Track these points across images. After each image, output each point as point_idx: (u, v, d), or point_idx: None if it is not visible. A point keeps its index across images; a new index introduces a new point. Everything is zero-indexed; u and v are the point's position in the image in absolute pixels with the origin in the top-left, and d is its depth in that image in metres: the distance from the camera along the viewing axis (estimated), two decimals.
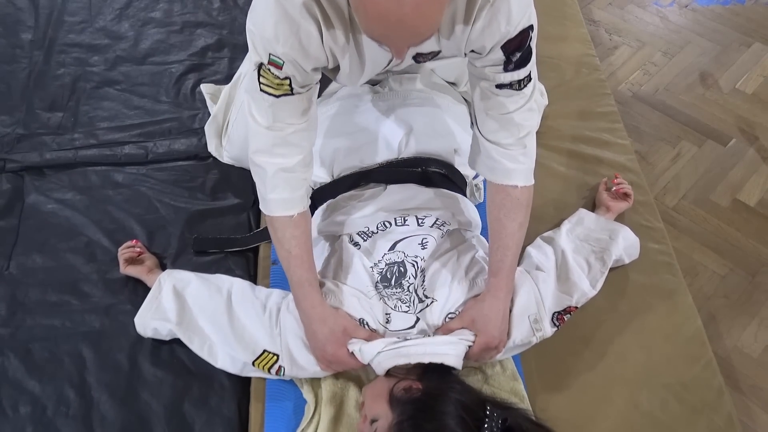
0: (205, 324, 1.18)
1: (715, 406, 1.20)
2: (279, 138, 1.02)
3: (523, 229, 1.12)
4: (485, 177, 1.15)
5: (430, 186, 1.30)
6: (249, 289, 1.22)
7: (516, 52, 0.96)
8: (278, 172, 1.05)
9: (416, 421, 0.94)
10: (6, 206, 1.48)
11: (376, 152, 1.33)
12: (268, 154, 1.04)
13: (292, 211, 1.07)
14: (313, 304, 1.09)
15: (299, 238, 1.09)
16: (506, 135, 1.06)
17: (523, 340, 1.15)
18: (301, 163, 1.06)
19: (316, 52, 0.94)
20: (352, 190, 1.30)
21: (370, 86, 1.46)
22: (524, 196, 1.11)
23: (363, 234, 1.21)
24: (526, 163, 1.09)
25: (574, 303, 1.19)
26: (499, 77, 1.00)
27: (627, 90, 2.20)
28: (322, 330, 1.08)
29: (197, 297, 1.21)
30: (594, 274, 1.25)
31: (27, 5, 1.95)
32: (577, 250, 1.28)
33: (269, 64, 0.94)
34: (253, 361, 1.13)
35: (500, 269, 1.11)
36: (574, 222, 1.37)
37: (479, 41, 0.95)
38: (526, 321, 1.15)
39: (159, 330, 1.21)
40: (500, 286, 1.11)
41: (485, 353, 1.11)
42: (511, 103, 1.03)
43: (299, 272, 1.09)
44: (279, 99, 0.98)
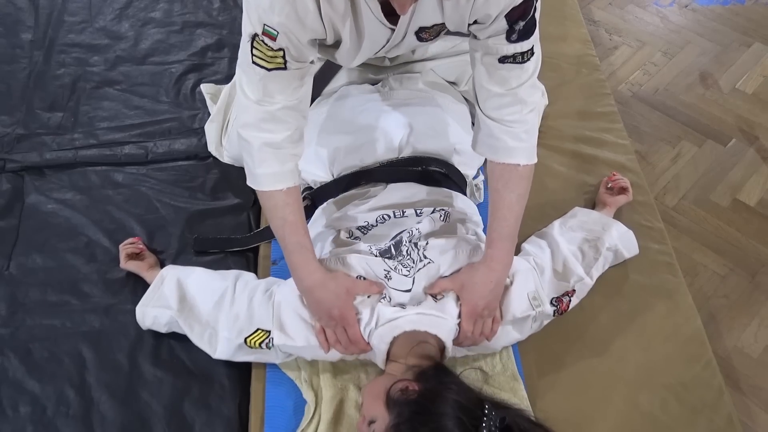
0: (205, 309, 1.17)
1: (715, 406, 1.20)
2: (267, 113, 1.00)
3: (522, 201, 1.11)
4: (487, 157, 1.13)
5: (431, 185, 1.30)
6: (254, 277, 1.23)
7: (519, 20, 0.95)
8: (263, 147, 1.03)
9: (413, 424, 0.93)
10: (6, 206, 1.48)
11: (377, 151, 1.33)
12: (256, 128, 1.02)
13: (282, 185, 1.06)
14: (311, 270, 1.08)
15: (293, 205, 1.07)
16: (509, 111, 1.05)
17: (522, 313, 1.14)
18: (288, 139, 1.04)
19: (312, 23, 0.92)
20: (352, 190, 1.30)
21: (370, 86, 1.46)
22: (525, 171, 1.10)
23: (362, 228, 1.21)
24: (528, 140, 1.08)
25: (571, 286, 1.20)
26: (503, 49, 0.99)
27: (627, 90, 2.20)
28: (325, 295, 1.07)
29: (199, 284, 1.21)
30: (588, 261, 1.26)
31: (27, 5, 1.95)
32: (570, 240, 1.28)
33: (263, 34, 0.92)
34: (245, 337, 1.12)
35: (495, 240, 1.10)
36: (567, 216, 1.38)
37: (484, 9, 0.94)
38: (525, 297, 1.15)
39: (158, 318, 1.21)
40: (494, 256, 1.10)
41: (476, 326, 1.10)
42: (513, 78, 1.02)
43: (295, 238, 1.08)
44: (270, 72, 0.96)
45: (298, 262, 1.08)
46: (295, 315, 1.12)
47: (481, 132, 1.11)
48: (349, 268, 1.12)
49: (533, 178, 1.12)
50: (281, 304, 1.13)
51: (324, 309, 1.07)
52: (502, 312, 1.14)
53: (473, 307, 1.09)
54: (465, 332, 1.10)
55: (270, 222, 1.11)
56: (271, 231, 1.37)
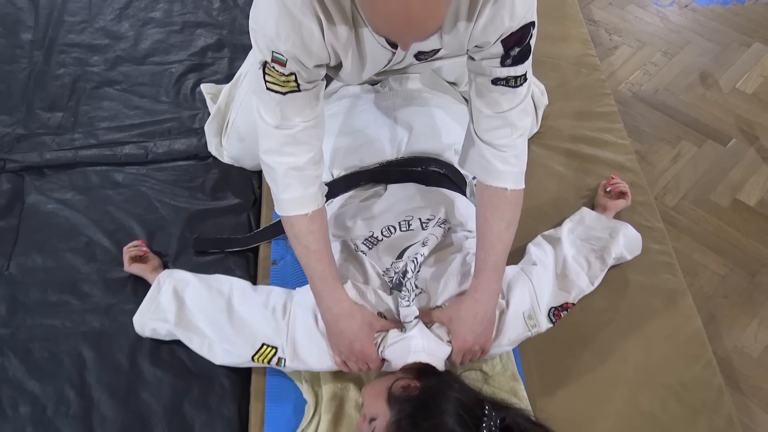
0: (204, 323, 1.17)
1: (715, 406, 1.20)
2: (288, 136, 1.01)
3: (511, 230, 1.11)
4: (476, 176, 1.14)
5: (430, 185, 1.30)
6: (249, 288, 1.22)
7: (515, 47, 0.96)
8: (289, 171, 1.03)
9: (414, 420, 0.94)
10: (6, 206, 1.48)
11: (376, 152, 1.33)
12: (278, 153, 1.03)
13: (306, 209, 1.06)
14: (340, 300, 1.08)
15: (316, 233, 1.07)
16: (500, 135, 1.06)
17: (517, 338, 1.15)
18: (311, 161, 1.05)
19: (318, 50, 0.93)
20: (352, 190, 1.30)
21: (370, 86, 1.46)
22: (513, 198, 1.10)
23: (368, 242, 1.21)
24: (517, 166, 1.09)
25: (571, 300, 1.20)
26: (496, 71, 1.00)
27: (627, 90, 2.20)
28: (351, 326, 1.07)
29: (196, 297, 1.21)
30: (593, 272, 1.25)
31: (27, 5, 1.95)
32: (577, 249, 1.28)
33: (273, 61, 0.93)
34: (252, 356, 1.13)
35: (482, 269, 1.10)
36: (576, 221, 1.37)
37: (482, 37, 0.95)
38: (521, 319, 1.15)
39: (157, 330, 1.21)
40: (480, 287, 1.10)
41: (466, 356, 1.11)
42: (505, 101, 1.03)
43: (320, 267, 1.07)
44: (286, 96, 0.97)
45: (323, 290, 1.08)
46: (310, 340, 1.12)
47: (473, 151, 1.11)
48: (366, 302, 1.12)
49: (533, 177, 1.13)
50: (296, 328, 1.12)
51: (346, 341, 1.07)
52: (499, 336, 1.14)
53: (462, 342, 1.09)
54: (454, 363, 1.12)
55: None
56: (272, 231, 1.38)
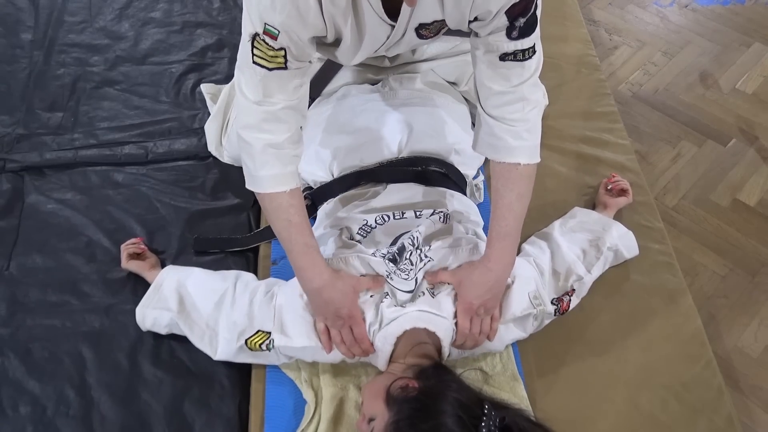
0: (206, 312, 1.17)
1: (715, 406, 1.20)
2: (268, 113, 1.00)
3: (523, 201, 1.10)
4: (488, 156, 1.12)
5: (430, 185, 1.30)
6: (253, 278, 1.23)
7: (520, 17, 0.95)
8: (266, 148, 1.02)
9: (412, 421, 0.93)
10: (6, 206, 1.48)
11: (376, 151, 1.33)
12: (257, 129, 1.01)
13: (285, 186, 1.05)
14: (320, 271, 1.07)
15: (296, 206, 1.06)
16: (511, 110, 1.05)
17: (523, 312, 1.14)
18: (289, 140, 1.03)
19: (314, 20, 0.92)
20: (352, 190, 1.30)
21: (370, 85, 1.46)
22: (526, 171, 1.08)
23: (362, 230, 1.21)
24: (530, 139, 1.07)
25: (569, 286, 1.20)
26: (503, 46, 0.98)
27: (627, 90, 2.20)
28: (334, 294, 1.06)
29: (199, 285, 1.21)
30: (589, 259, 1.26)
31: (27, 5, 1.95)
32: (571, 240, 1.29)
33: (264, 33, 0.91)
34: (246, 339, 1.12)
35: (494, 239, 1.10)
36: (567, 217, 1.38)
37: (484, 5, 0.93)
38: (526, 296, 1.15)
39: (159, 320, 1.21)
40: (492, 256, 1.10)
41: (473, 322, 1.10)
42: (515, 76, 1.02)
43: (301, 239, 1.07)
44: (271, 72, 0.96)
45: (305, 263, 1.08)
46: (296, 316, 1.11)
47: (482, 131, 1.10)
48: (351, 269, 1.12)
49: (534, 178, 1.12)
50: (283, 306, 1.13)
51: (332, 309, 1.07)
52: (503, 310, 1.14)
53: (468, 304, 1.09)
54: (463, 329, 1.10)
55: (273, 224, 1.10)
56: (272, 231, 1.37)
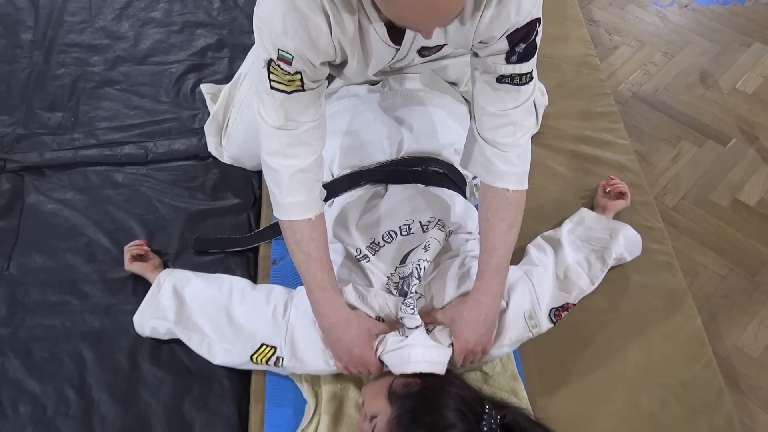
0: (204, 322, 1.17)
1: (715, 406, 1.20)
2: (292, 137, 1.00)
3: (513, 231, 1.10)
4: (478, 176, 1.13)
5: (430, 185, 1.30)
6: (249, 286, 1.22)
7: (521, 43, 0.95)
8: (295, 174, 1.02)
9: (415, 414, 0.94)
10: (6, 206, 1.48)
11: (376, 151, 1.33)
12: (282, 156, 1.02)
13: (309, 214, 1.05)
14: (337, 308, 1.07)
15: (318, 240, 1.07)
16: (502, 133, 1.05)
17: (518, 338, 1.15)
18: (315, 162, 1.04)
19: (325, 46, 0.92)
20: (352, 190, 1.30)
21: (370, 85, 1.46)
22: (515, 199, 1.09)
23: (370, 248, 1.21)
24: (519, 166, 1.08)
25: (572, 300, 1.20)
26: (501, 68, 0.99)
27: (627, 90, 2.20)
28: (348, 334, 1.06)
29: (196, 295, 1.21)
30: (594, 272, 1.25)
31: (27, 5, 1.95)
32: (577, 249, 1.28)
33: (279, 59, 0.92)
34: (251, 355, 1.13)
35: (485, 271, 1.10)
36: (576, 221, 1.37)
37: (488, 32, 0.94)
38: (521, 319, 1.15)
39: (157, 329, 1.21)
40: (483, 289, 1.09)
41: (467, 357, 1.11)
42: (509, 100, 1.02)
43: (320, 275, 1.07)
44: (291, 95, 0.96)
45: (322, 298, 1.08)
46: (309, 344, 1.11)
47: (475, 151, 1.10)
48: (368, 306, 1.12)
49: (533, 177, 1.12)
50: (294, 329, 1.12)
51: (345, 348, 1.07)
52: (500, 336, 1.14)
53: (464, 342, 1.09)
54: (456, 364, 1.11)
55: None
56: (272, 231, 1.38)
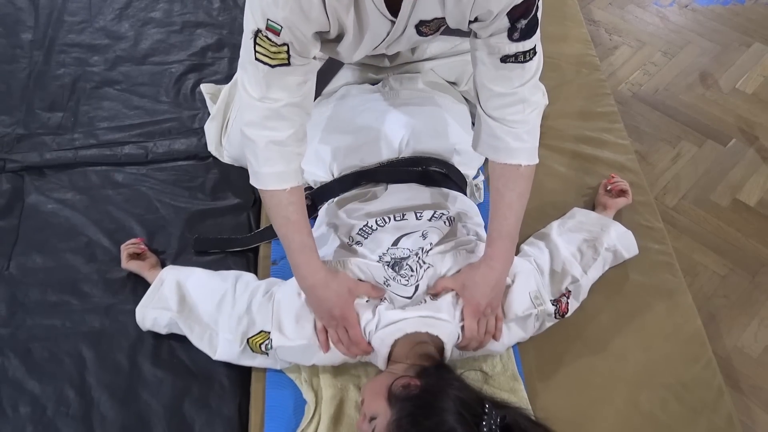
0: (206, 311, 1.17)
1: (715, 406, 1.20)
2: (270, 110, 1.00)
3: (523, 200, 1.11)
4: (488, 156, 1.13)
5: (431, 185, 1.30)
6: (253, 278, 1.23)
7: (521, 18, 0.95)
8: (269, 145, 1.02)
9: (415, 418, 0.94)
10: (6, 206, 1.47)
11: (377, 151, 1.33)
12: (260, 127, 1.02)
13: (286, 184, 1.05)
14: (315, 270, 1.07)
15: (296, 204, 1.07)
16: (512, 111, 1.05)
17: (524, 311, 1.14)
18: (293, 137, 1.04)
19: (317, 15, 0.91)
20: (352, 190, 1.30)
21: (370, 85, 1.46)
22: (526, 172, 1.09)
23: (362, 231, 1.21)
24: (529, 141, 1.08)
25: (564, 288, 1.21)
26: (505, 48, 0.99)
27: (627, 90, 2.20)
28: (327, 294, 1.07)
29: (199, 286, 1.21)
30: (586, 260, 1.26)
31: (27, 5, 1.95)
32: (568, 241, 1.29)
33: (267, 29, 0.91)
34: (248, 339, 1.12)
35: (495, 238, 1.10)
36: (566, 217, 1.38)
37: (485, 5, 0.93)
38: (527, 296, 1.15)
39: (158, 320, 1.21)
40: (495, 255, 1.10)
41: (480, 323, 1.10)
42: (516, 78, 1.02)
43: (299, 237, 1.07)
44: (274, 69, 0.95)
45: (300, 260, 1.08)
46: (293, 315, 1.12)
47: (483, 131, 1.10)
48: (349, 272, 1.12)
49: (534, 181, 1.12)
50: (281, 304, 1.13)
51: (325, 308, 1.07)
52: (505, 311, 1.14)
53: (476, 305, 1.09)
54: (470, 331, 1.10)
55: (272, 221, 1.10)
56: (272, 231, 1.38)
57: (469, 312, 1.09)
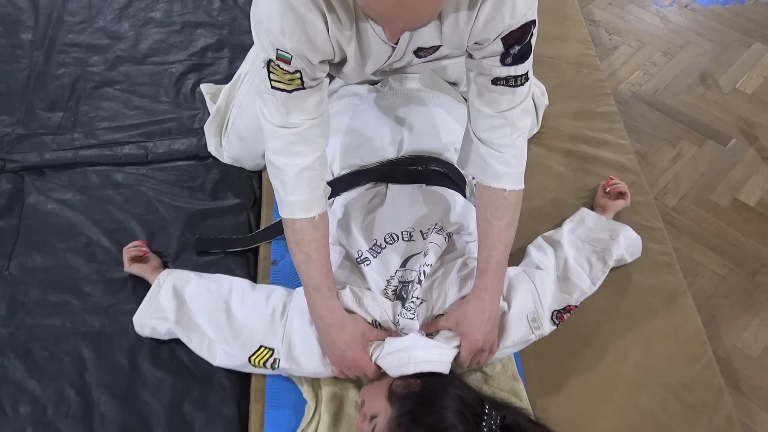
0: (203, 322, 1.17)
1: (715, 406, 1.20)
2: (294, 135, 1.00)
3: (512, 230, 1.11)
4: (475, 176, 1.13)
5: (431, 185, 1.30)
6: (249, 287, 1.22)
7: (516, 45, 0.96)
8: (301, 173, 1.03)
9: (415, 415, 0.94)
10: (6, 206, 1.47)
11: (376, 151, 1.33)
12: (286, 154, 1.02)
13: (312, 212, 1.05)
14: (333, 310, 1.08)
15: (319, 241, 1.07)
16: (498, 134, 1.06)
17: (521, 339, 1.15)
18: (319, 160, 1.05)
19: (323, 45, 0.93)
20: (352, 189, 1.30)
21: (370, 85, 1.46)
22: (513, 198, 1.09)
23: (371, 250, 1.21)
24: (516, 166, 1.09)
25: (573, 302, 1.20)
26: (496, 71, 0.99)
27: (627, 90, 2.20)
28: (342, 336, 1.06)
29: (196, 295, 1.21)
30: (595, 273, 1.25)
31: (27, 5, 1.95)
32: (578, 250, 1.28)
33: (278, 59, 0.92)
34: (249, 357, 1.13)
35: (485, 270, 1.10)
36: (576, 222, 1.37)
37: (483, 33, 0.94)
38: (524, 320, 1.15)
39: (157, 329, 1.21)
40: (485, 287, 1.10)
41: (474, 357, 1.11)
42: (505, 102, 1.02)
43: (318, 277, 1.07)
44: (292, 94, 0.96)
45: (317, 299, 1.08)
46: (304, 343, 1.12)
47: (472, 152, 1.11)
48: (364, 310, 1.12)
49: (533, 177, 1.13)
50: (292, 330, 1.12)
51: (338, 351, 1.07)
52: (502, 338, 1.14)
53: (473, 342, 1.08)
54: (461, 365, 1.11)
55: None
56: (272, 231, 1.38)
57: (466, 347, 1.09)
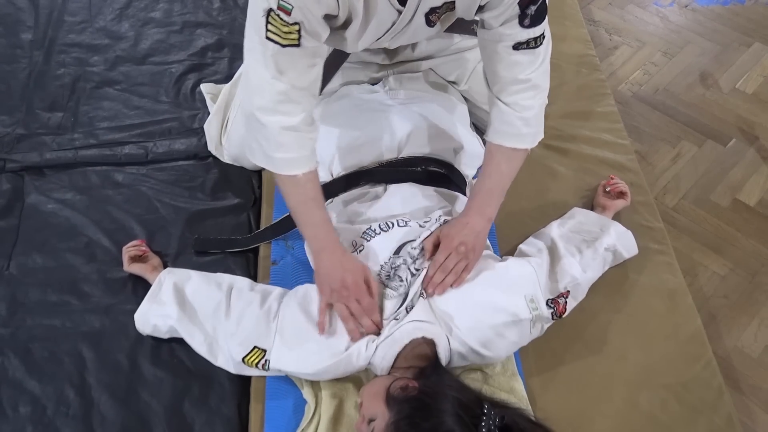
0: (205, 320, 1.17)
1: (715, 406, 1.20)
2: (281, 94, 1.00)
3: (512, 164, 1.16)
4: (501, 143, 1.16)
5: (430, 185, 1.30)
6: (248, 286, 1.22)
7: (531, 5, 0.98)
8: (283, 131, 1.03)
9: (413, 420, 0.93)
10: (6, 206, 1.48)
11: (376, 151, 1.33)
12: (272, 112, 1.02)
13: (301, 169, 1.07)
14: (334, 241, 1.11)
15: (313, 182, 1.09)
16: (525, 96, 1.10)
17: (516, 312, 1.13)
18: (305, 121, 1.04)
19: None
20: (352, 190, 1.30)
21: (370, 85, 1.46)
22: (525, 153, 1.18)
23: (366, 234, 1.21)
24: (536, 126, 1.15)
25: (562, 287, 1.20)
26: (516, 35, 1.02)
27: (627, 90, 2.20)
28: (344, 261, 1.09)
29: (197, 293, 1.21)
30: (586, 260, 1.25)
31: (27, 5, 1.95)
32: (568, 241, 1.28)
33: (278, 9, 0.92)
34: (243, 357, 1.12)
35: (475, 194, 1.16)
36: (566, 217, 1.38)
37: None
38: (522, 298, 1.14)
39: (159, 326, 1.21)
40: (472, 209, 1.15)
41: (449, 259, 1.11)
42: (528, 64, 1.06)
43: (320, 213, 1.10)
44: (284, 49, 0.96)
45: (320, 232, 1.11)
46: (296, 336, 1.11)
47: (496, 118, 1.14)
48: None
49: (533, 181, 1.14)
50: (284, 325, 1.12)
51: (339, 275, 1.07)
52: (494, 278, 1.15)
53: (450, 240, 1.12)
54: (436, 262, 1.12)
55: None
56: (272, 231, 1.38)
57: (442, 247, 1.12)
